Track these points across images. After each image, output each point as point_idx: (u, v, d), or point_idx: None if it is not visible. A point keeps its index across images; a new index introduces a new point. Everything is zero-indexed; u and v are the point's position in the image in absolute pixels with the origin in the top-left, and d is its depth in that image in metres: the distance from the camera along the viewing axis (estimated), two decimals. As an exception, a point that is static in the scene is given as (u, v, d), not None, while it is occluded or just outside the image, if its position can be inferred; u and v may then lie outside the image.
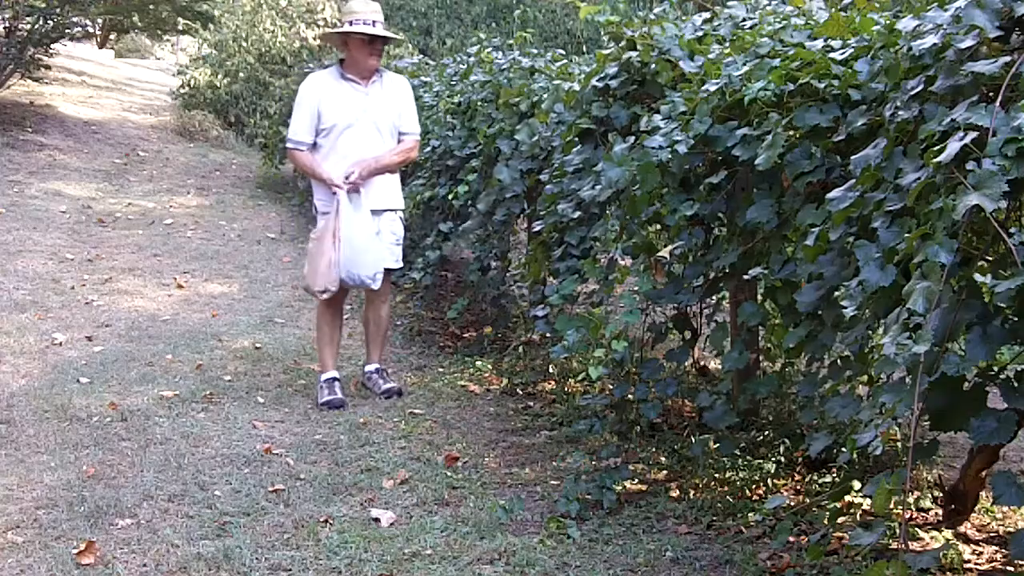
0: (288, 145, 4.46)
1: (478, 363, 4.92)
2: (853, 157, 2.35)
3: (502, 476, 3.53)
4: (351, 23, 4.32)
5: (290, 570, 2.78)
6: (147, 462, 3.57)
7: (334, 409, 4.26)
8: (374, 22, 4.33)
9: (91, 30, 17.44)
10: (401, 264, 4.66)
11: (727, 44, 3.28)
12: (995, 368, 2.18)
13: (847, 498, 2.99)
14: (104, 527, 3.04)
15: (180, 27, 16.04)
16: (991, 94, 2.10)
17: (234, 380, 4.62)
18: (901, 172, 2.16)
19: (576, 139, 3.70)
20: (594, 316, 3.26)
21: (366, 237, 4.28)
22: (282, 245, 7.82)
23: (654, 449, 3.63)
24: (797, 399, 3.58)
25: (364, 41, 4.35)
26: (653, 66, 3.45)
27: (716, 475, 3.33)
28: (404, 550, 2.89)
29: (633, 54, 3.52)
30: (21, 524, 3.05)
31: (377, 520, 3.11)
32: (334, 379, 4.44)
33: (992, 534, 2.87)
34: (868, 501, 2.97)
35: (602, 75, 3.64)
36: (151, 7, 14.38)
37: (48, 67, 11.56)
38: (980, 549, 2.77)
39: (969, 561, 2.68)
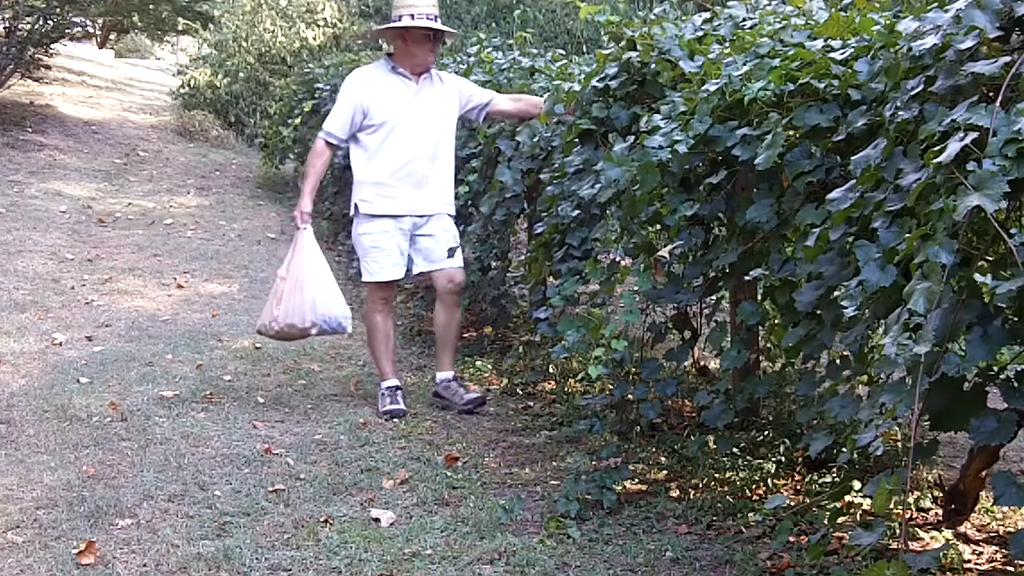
0: (320, 134, 4.27)
1: (478, 363, 4.92)
2: (853, 157, 2.35)
3: (502, 476, 3.53)
4: (412, 16, 4.13)
5: (290, 570, 2.78)
6: (147, 462, 3.57)
7: (395, 419, 4.11)
8: (435, 17, 4.18)
9: (91, 30, 17.46)
10: (463, 265, 4.45)
11: (727, 44, 3.28)
12: (995, 368, 2.18)
13: (847, 498, 2.98)
14: (104, 527, 3.04)
15: (180, 27, 16.05)
16: (991, 94, 2.10)
17: (234, 380, 4.62)
18: (901, 172, 2.16)
19: (576, 140, 3.70)
20: (594, 316, 3.25)
21: (327, 277, 4.16)
22: (282, 245, 7.82)
23: (654, 449, 3.63)
24: (797, 399, 3.57)
25: (427, 36, 4.19)
26: (653, 66, 3.44)
27: (716, 475, 3.33)
28: (404, 550, 2.89)
29: (633, 54, 3.52)
30: (21, 524, 3.05)
31: (377, 520, 3.11)
32: (397, 388, 4.26)
33: (992, 534, 2.87)
34: (868, 501, 2.97)
35: (602, 75, 3.64)
36: (151, 7, 14.39)
37: (48, 67, 11.58)
38: (980, 549, 2.77)
39: (969, 561, 2.68)
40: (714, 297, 3.53)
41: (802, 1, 3.38)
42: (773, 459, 3.34)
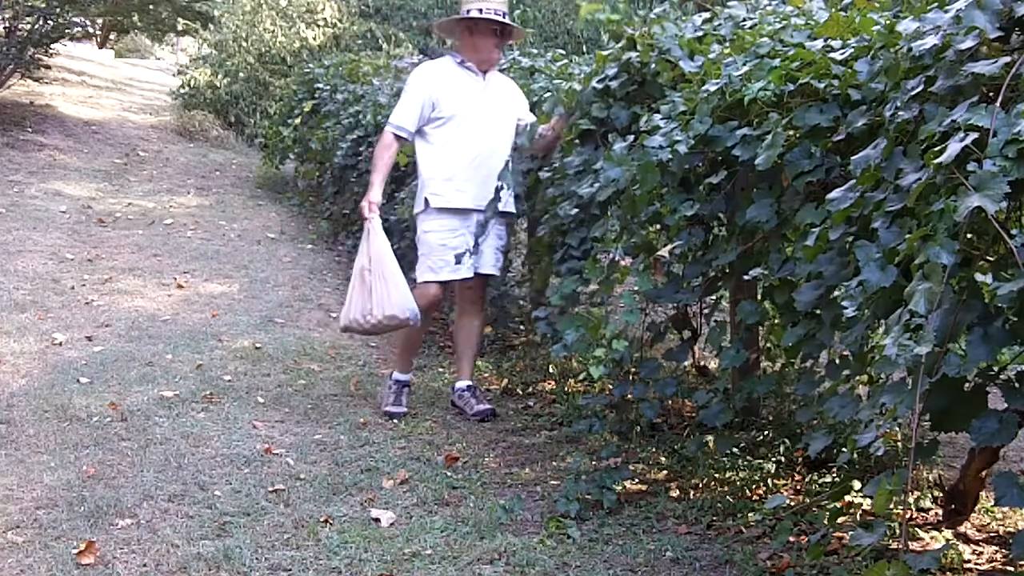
0: (387, 127, 4.19)
1: (478, 363, 4.92)
2: (853, 157, 2.35)
3: (502, 476, 3.53)
4: (481, 11, 4.10)
5: (290, 570, 2.78)
6: (147, 462, 3.57)
7: (393, 419, 4.09)
8: (504, 14, 4.16)
9: (91, 30, 17.47)
10: (498, 272, 4.38)
11: (727, 44, 3.28)
12: (995, 369, 2.17)
13: (847, 498, 2.99)
14: (104, 527, 3.04)
15: (180, 27, 16.07)
16: (991, 94, 2.10)
17: (234, 380, 4.62)
18: (901, 172, 2.16)
19: (576, 140, 3.70)
20: (594, 316, 3.25)
21: (398, 268, 4.04)
22: (282, 245, 7.82)
23: (654, 449, 3.63)
24: (797, 398, 3.57)
25: (494, 32, 4.16)
26: (653, 66, 3.44)
27: (716, 475, 3.33)
28: (404, 550, 2.89)
29: (633, 55, 3.52)
30: (21, 524, 3.05)
31: (377, 520, 3.11)
32: (406, 384, 4.25)
33: (992, 534, 2.87)
34: (868, 501, 2.97)
35: (602, 76, 3.64)
36: (151, 7, 14.41)
37: (48, 67, 11.58)
38: (980, 549, 2.77)
39: (969, 561, 2.68)
40: (714, 297, 3.53)
41: (802, 1, 3.37)
42: (773, 459, 3.35)
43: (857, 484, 2.97)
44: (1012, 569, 2.60)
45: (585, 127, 3.63)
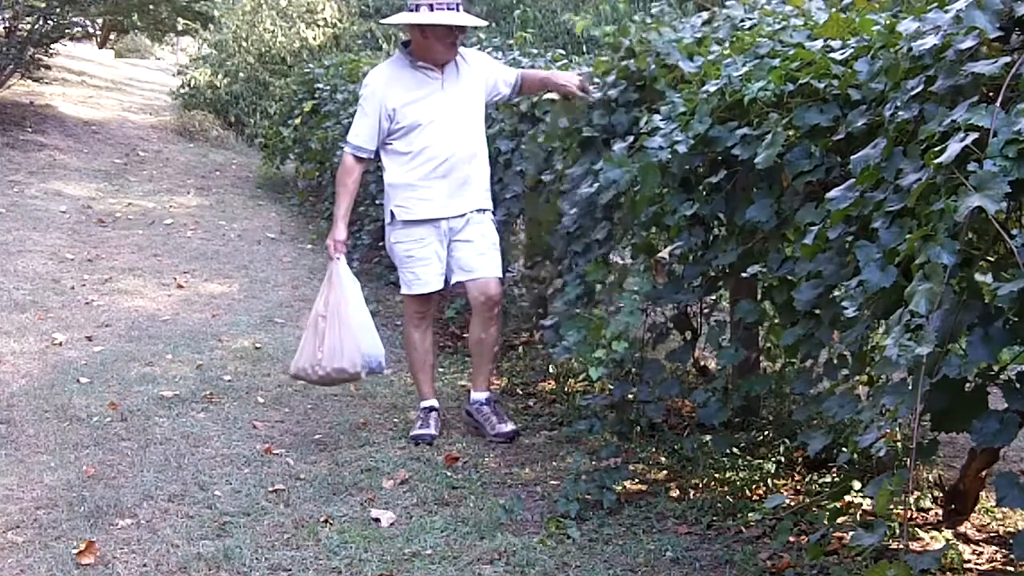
0: (345, 148, 3.89)
1: (478, 363, 4.91)
2: (853, 157, 2.35)
3: (502, 476, 3.53)
4: (432, 7, 3.68)
5: (290, 570, 2.78)
6: (147, 462, 3.57)
7: (423, 444, 3.82)
8: (458, 5, 3.72)
9: (91, 30, 17.48)
10: (501, 273, 4.00)
11: (726, 45, 3.28)
12: (995, 369, 2.17)
13: (847, 498, 2.98)
14: (104, 527, 3.04)
15: (180, 27, 16.07)
16: (991, 94, 2.10)
17: (234, 380, 4.62)
18: (901, 172, 2.16)
19: (578, 148, 3.69)
20: (595, 317, 3.25)
21: (365, 313, 3.83)
22: (282, 245, 7.82)
23: (654, 449, 3.63)
24: (797, 398, 3.57)
25: (449, 29, 3.74)
26: (652, 67, 3.44)
27: (716, 475, 3.33)
28: (404, 550, 2.89)
29: (631, 63, 3.52)
30: (21, 524, 3.05)
31: (377, 520, 3.11)
32: (432, 409, 3.96)
33: (992, 534, 2.87)
34: (868, 501, 2.97)
35: (602, 86, 3.65)
36: (151, 7, 14.41)
37: (48, 67, 11.58)
38: (980, 549, 2.77)
39: (969, 561, 2.68)
40: (713, 296, 3.53)
41: (801, 1, 3.37)
42: (773, 459, 3.35)
43: (857, 484, 2.97)
44: (1012, 569, 2.60)
45: (587, 134, 3.62)
